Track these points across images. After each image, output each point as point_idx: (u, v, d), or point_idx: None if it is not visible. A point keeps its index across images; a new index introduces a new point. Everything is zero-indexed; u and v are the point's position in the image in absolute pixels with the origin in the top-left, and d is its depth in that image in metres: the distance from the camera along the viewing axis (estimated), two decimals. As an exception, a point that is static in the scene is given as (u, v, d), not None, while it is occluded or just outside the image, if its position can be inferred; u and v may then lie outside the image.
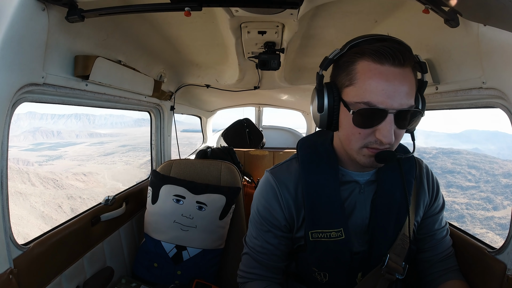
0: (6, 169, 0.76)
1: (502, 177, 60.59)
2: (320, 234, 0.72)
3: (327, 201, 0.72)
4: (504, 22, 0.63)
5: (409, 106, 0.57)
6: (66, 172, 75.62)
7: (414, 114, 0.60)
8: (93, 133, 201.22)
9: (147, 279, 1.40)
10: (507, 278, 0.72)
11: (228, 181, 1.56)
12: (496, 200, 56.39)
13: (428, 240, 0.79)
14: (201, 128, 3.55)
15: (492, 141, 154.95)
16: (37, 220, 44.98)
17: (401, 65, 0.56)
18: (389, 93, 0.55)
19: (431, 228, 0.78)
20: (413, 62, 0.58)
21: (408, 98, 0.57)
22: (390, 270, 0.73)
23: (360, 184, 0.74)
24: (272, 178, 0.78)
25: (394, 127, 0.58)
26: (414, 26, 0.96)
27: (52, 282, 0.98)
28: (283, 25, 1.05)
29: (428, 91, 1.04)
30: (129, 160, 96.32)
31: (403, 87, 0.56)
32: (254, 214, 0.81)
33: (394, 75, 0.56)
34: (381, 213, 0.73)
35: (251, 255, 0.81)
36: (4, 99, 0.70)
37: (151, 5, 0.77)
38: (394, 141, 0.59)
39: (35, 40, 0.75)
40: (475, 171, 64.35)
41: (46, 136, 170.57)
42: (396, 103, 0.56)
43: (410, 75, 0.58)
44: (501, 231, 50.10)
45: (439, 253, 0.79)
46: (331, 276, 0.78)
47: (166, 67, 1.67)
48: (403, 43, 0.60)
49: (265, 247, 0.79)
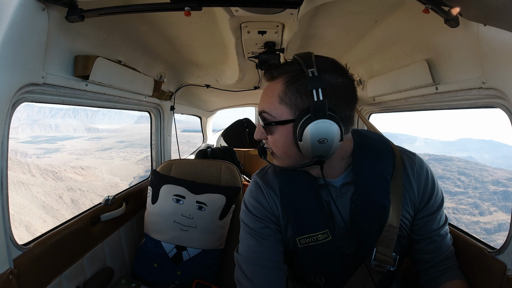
0: (6, 169, 0.76)
1: (490, 184, 61.51)
2: (308, 239, 0.74)
3: (307, 206, 0.74)
4: (504, 22, 0.63)
5: (260, 111, 0.69)
6: (64, 165, 75.78)
7: (264, 118, 0.68)
8: (90, 128, 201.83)
9: (147, 279, 1.40)
10: (507, 278, 0.72)
11: (228, 181, 1.56)
12: (483, 206, 57.91)
13: (428, 241, 0.77)
14: (201, 128, 3.56)
15: (486, 150, 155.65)
16: (39, 209, 45.11)
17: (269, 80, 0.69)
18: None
19: (429, 228, 0.76)
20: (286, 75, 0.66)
21: (263, 104, 0.68)
22: (379, 262, 0.73)
23: (336, 187, 0.75)
24: (258, 180, 0.82)
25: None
26: (414, 26, 0.96)
27: (52, 282, 0.98)
28: (283, 25, 1.05)
29: (428, 91, 1.04)
30: (126, 156, 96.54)
31: (263, 96, 0.69)
32: (244, 215, 0.81)
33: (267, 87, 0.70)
34: (361, 214, 0.73)
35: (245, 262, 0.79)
36: (4, 99, 0.70)
37: (151, 5, 0.77)
38: (261, 138, 0.72)
39: (35, 40, 0.75)
40: (464, 177, 65.58)
41: (44, 129, 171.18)
42: (259, 107, 0.70)
43: (277, 86, 0.66)
44: (485, 236, 51.81)
45: (439, 255, 0.78)
46: (327, 279, 0.80)
47: (166, 67, 1.67)
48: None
49: (261, 248, 0.77)
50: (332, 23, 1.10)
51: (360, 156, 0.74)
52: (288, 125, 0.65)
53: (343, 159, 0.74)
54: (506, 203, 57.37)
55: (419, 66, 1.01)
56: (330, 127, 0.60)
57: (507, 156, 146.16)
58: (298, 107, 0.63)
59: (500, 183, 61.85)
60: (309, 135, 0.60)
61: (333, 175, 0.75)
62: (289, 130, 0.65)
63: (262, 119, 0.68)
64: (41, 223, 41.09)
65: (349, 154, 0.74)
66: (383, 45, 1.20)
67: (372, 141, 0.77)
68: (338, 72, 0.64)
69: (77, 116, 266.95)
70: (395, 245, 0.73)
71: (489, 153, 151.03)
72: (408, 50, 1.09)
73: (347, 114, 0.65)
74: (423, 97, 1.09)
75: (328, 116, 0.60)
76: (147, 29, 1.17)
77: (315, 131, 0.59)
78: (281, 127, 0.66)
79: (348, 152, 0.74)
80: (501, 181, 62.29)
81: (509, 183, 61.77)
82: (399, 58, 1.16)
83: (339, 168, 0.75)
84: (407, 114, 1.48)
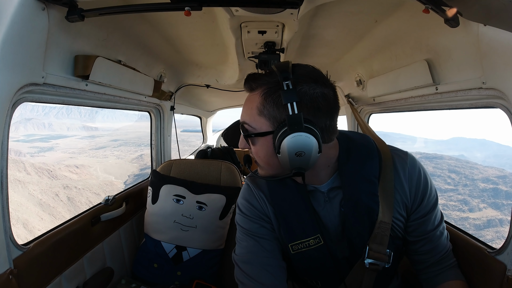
0: (6, 169, 0.76)
1: (480, 182, 62.51)
2: (300, 245, 0.75)
3: (296, 212, 0.75)
4: (504, 22, 0.63)
5: (241, 122, 0.70)
6: (58, 164, 76.08)
7: (245, 129, 0.69)
8: (84, 126, 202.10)
9: (147, 280, 1.40)
10: (507, 279, 0.72)
11: (228, 181, 1.56)
12: (472, 203, 58.91)
13: (424, 242, 0.76)
14: (201, 128, 3.55)
15: (478, 149, 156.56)
16: (36, 207, 45.52)
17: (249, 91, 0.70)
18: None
19: (424, 229, 0.75)
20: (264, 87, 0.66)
21: (244, 116, 0.69)
22: (374, 260, 0.72)
23: (323, 193, 0.75)
24: (249, 182, 0.84)
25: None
26: (414, 26, 0.97)
27: (52, 283, 0.98)
28: (283, 25, 1.05)
29: (428, 91, 1.04)
30: (120, 155, 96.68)
31: (244, 107, 0.70)
32: (239, 218, 0.82)
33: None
34: (351, 218, 0.73)
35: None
36: (4, 99, 0.70)
37: (151, 5, 0.77)
38: (245, 147, 0.72)
39: (35, 40, 0.75)
40: (455, 175, 66.44)
41: (37, 128, 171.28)
42: (241, 118, 0.71)
43: (255, 98, 0.66)
44: (474, 231, 52.91)
45: (436, 254, 0.77)
46: (323, 283, 0.80)
47: (166, 67, 1.67)
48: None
49: (258, 248, 0.78)
50: (332, 23, 1.10)
51: (345, 161, 0.73)
52: (268, 136, 0.65)
53: (328, 166, 0.74)
54: (495, 200, 58.41)
55: (419, 66, 1.01)
56: (307, 140, 0.59)
57: (499, 155, 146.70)
58: (276, 119, 0.63)
59: (490, 180, 62.64)
60: (286, 148, 0.60)
61: (319, 181, 0.75)
62: (269, 142, 0.65)
63: (243, 130, 0.69)
64: (38, 221, 41.45)
65: (335, 160, 0.74)
66: (383, 45, 1.20)
67: (357, 145, 0.76)
68: (318, 82, 0.63)
69: (70, 115, 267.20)
70: (390, 244, 0.73)
71: (481, 152, 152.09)
72: (408, 50, 1.09)
73: (327, 124, 0.64)
74: (423, 97, 1.09)
75: (304, 129, 0.59)
76: (147, 29, 1.17)
77: (292, 144, 0.59)
78: (262, 139, 0.66)
79: (333, 159, 0.73)
80: (491, 178, 63.08)
81: (498, 181, 62.59)
82: (399, 58, 1.16)
83: (325, 175, 0.74)
84: (402, 114, 1.49)
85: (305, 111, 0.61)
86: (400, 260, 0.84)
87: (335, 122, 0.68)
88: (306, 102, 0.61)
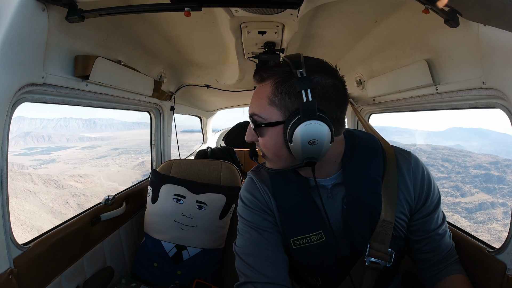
0: (6, 169, 0.76)
1: (473, 169, 64.63)
2: (302, 241, 0.74)
3: (299, 208, 0.75)
4: (504, 22, 0.63)
5: (250, 113, 0.69)
6: (62, 175, 78.06)
7: (254, 120, 0.68)
8: (83, 137, 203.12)
9: (147, 279, 1.40)
10: (507, 278, 0.72)
11: (228, 180, 1.56)
12: (465, 188, 61.40)
13: (427, 241, 0.77)
14: (201, 129, 3.56)
15: (474, 138, 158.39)
16: (48, 215, 46.47)
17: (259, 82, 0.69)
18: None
19: (427, 228, 0.76)
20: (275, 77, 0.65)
21: (253, 107, 0.68)
22: (375, 259, 0.72)
23: (327, 189, 0.75)
24: (253, 176, 0.84)
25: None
26: (414, 26, 0.96)
27: (52, 282, 0.98)
28: (283, 25, 1.05)
29: (428, 91, 1.04)
30: (122, 163, 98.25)
31: (253, 99, 0.69)
32: (242, 210, 0.81)
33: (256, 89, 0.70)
34: (353, 216, 0.73)
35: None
36: (4, 99, 0.70)
37: (151, 5, 0.77)
38: (252, 140, 0.71)
39: (35, 40, 0.75)
40: (448, 163, 68.54)
41: (37, 141, 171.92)
42: (250, 110, 0.70)
43: (266, 88, 0.66)
44: (466, 214, 55.41)
45: (439, 253, 0.77)
46: (323, 279, 0.80)
47: (166, 67, 1.67)
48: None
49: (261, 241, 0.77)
50: (332, 23, 1.10)
51: (349, 158, 0.73)
52: (278, 126, 0.65)
53: (335, 162, 0.74)
54: (487, 184, 60.65)
55: (419, 66, 1.01)
56: (320, 128, 0.59)
57: (494, 143, 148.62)
58: (288, 109, 0.63)
59: (482, 167, 64.58)
60: (299, 136, 0.59)
61: (324, 175, 0.75)
62: (279, 132, 0.65)
63: (253, 121, 0.68)
64: (52, 226, 42.83)
65: (341, 157, 0.74)
66: (383, 45, 1.20)
67: (362, 143, 0.76)
68: (328, 73, 0.64)
69: (68, 127, 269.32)
70: (392, 243, 0.73)
71: (477, 141, 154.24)
72: (408, 50, 1.08)
73: (337, 115, 0.65)
74: (423, 97, 1.09)
75: (318, 117, 0.59)
76: (147, 29, 1.17)
77: (305, 132, 0.59)
78: (272, 129, 0.66)
79: (339, 155, 0.73)
80: (483, 165, 65.03)
81: (490, 167, 64.41)
82: (399, 58, 1.16)
83: (331, 170, 0.74)
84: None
85: (318, 101, 0.61)
86: (401, 260, 0.84)
87: (344, 115, 0.68)
88: (318, 91, 0.61)
